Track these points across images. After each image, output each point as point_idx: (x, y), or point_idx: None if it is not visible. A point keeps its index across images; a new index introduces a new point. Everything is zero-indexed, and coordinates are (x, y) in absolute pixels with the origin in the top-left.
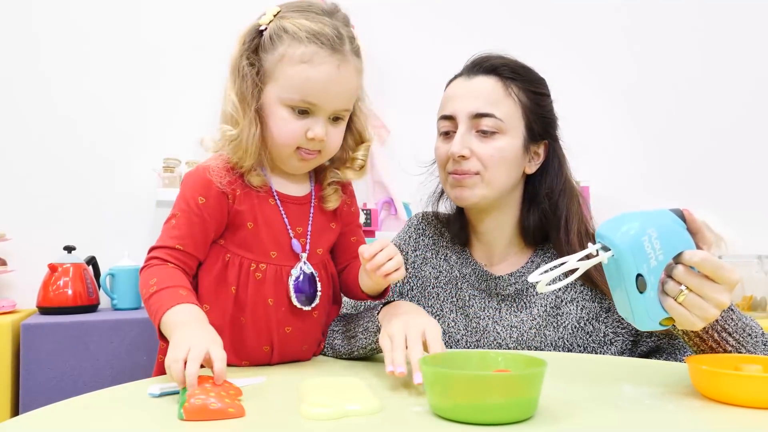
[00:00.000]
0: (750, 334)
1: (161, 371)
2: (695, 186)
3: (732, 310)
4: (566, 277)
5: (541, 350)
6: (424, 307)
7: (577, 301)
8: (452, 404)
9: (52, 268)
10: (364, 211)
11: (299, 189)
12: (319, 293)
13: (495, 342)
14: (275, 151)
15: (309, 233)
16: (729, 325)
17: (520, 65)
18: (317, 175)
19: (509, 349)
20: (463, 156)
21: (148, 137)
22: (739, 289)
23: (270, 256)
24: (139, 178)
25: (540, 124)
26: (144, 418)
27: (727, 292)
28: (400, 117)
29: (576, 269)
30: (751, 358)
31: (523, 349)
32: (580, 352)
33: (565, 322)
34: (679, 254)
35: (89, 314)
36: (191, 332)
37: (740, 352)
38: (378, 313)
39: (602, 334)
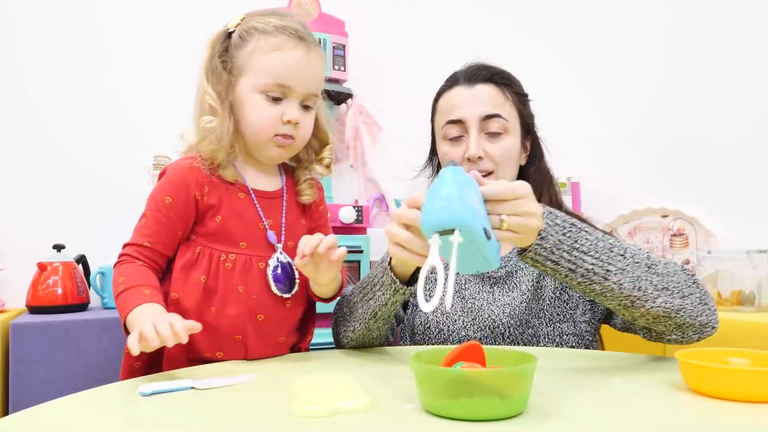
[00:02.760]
0: (612, 252)
1: (129, 371)
2: (684, 180)
3: (575, 228)
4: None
5: (529, 322)
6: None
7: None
8: (443, 401)
9: (41, 266)
10: (356, 208)
11: (271, 184)
12: (297, 281)
13: (489, 319)
14: (253, 139)
15: (283, 225)
16: (565, 243)
17: (507, 72)
18: (291, 173)
19: (503, 324)
20: (480, 157)
21: (138, 135)
22: (728, 284)
23: (240, 247)
24: (128, 175)
25: (528, 121)
26: (135, 417)
27: (531, 200)
28: (392, 115)
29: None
30: (740, 353)
31: (514, 322)
32: (560, 320)
33: (543, 293)
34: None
35: (79, 313)
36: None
37: (609, 272)
38: (389, 264)
39: (573, 301)
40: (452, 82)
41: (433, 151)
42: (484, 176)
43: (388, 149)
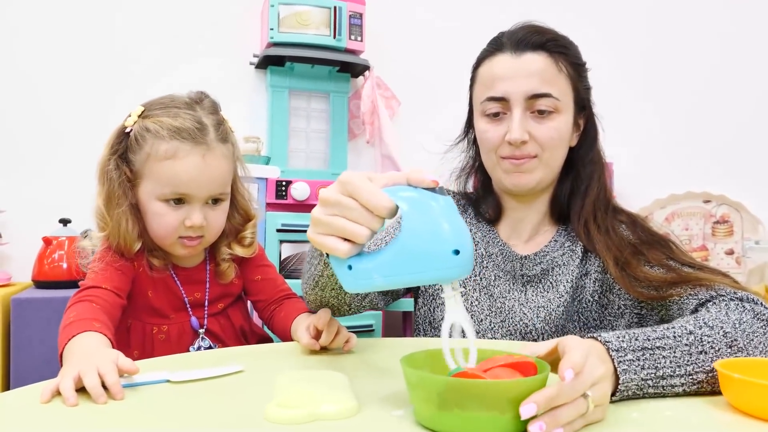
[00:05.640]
0: (692, 355)
1: None
2: (731, 163)
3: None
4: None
5: (565, 328)
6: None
7: (591, 274)
8: (435, 412)
9: (47, 241)
10: None
11: (193, 259)
12: None
13: (521, 322)
14: (158, 242)
15: (207, 298)
16: (648, 379)
17: (563, 37)
18: (212, 248)
19: (536, 329)
20: (524, 141)
21: None
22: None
23: (170, 318)
24: None
25: (584, 95)
26: (136, 394)
27: (592, 384)
28: (412, 88)
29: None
30: None
31: (549, 328)
32: (596, 326)
33: (582, 295)
34: None
35: None
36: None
37: (700, 383)
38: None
39: (616, 307)
40: (496, 46)
41: (470, 123)
42: (527, 161)
43: (407, 125)
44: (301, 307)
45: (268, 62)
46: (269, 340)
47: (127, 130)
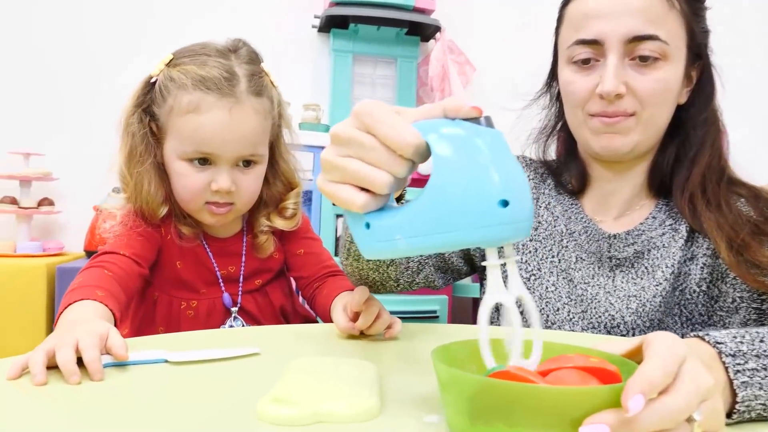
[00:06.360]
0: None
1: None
2: None
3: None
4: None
5: (663, 322)
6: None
7: (698, 259)
8: (472, 424)
9: (98, 210)
10: None
11: (229, 228)
12: None
13: (607, 313)
14: (184, 207)
15: (242, 273)
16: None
17: None
18: (249, 218)
19: (625, 323)
20: (619, 94)
21: None
22: None
23: (200, 293)
24: None
25: (700, 40)
26: (123, 374)
27: (700, 397)
28: (488, 52)
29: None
30: None
31: (642, 322)
32: (702, 322)
33: (685, 283)
34: None
35: None
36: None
37: None
38: None
39: (730, 299)
40: None
41: (553, 74)
42: (622, 120)
43: (481, 93)
44: (345, 284)
45: (331, 24)
46: (315, 323)
47: (153, 80)
